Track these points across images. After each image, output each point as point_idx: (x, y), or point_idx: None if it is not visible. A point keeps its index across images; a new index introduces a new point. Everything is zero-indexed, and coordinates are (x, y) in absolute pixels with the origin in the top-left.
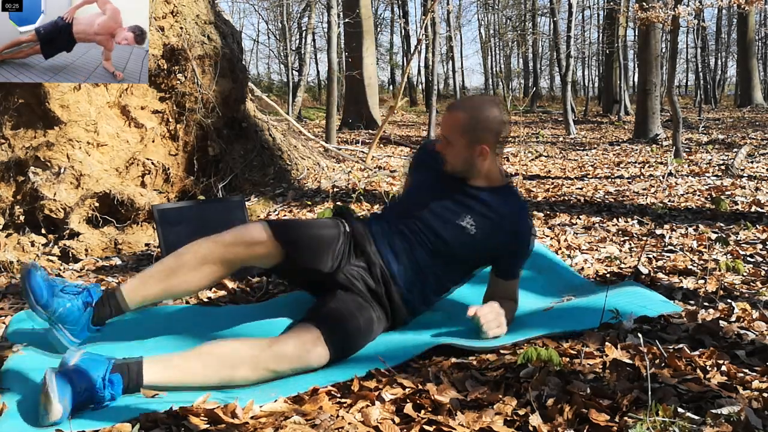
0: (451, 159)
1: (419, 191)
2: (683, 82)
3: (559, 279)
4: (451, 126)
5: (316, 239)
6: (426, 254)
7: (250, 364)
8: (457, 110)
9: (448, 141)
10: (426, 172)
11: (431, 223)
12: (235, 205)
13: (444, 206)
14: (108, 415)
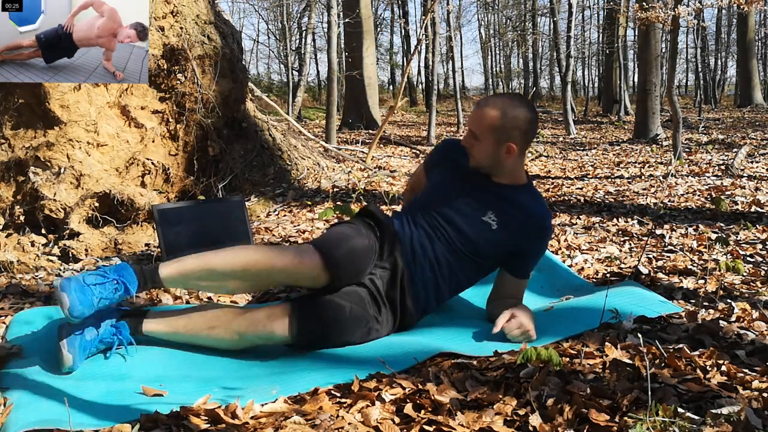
0: (478, 155)
1: (441, 187)
2: (683, 82)
3: (558, 279)
4: (481, 122)
5: (361, 259)
6: (446, 250)
7: (224, 327)
8: (488, 107)
9: (476, 137)
10: (447, 169)
11: (453, 219)
12: (235, 205)
13: (466, 202)
14: (108, 415)
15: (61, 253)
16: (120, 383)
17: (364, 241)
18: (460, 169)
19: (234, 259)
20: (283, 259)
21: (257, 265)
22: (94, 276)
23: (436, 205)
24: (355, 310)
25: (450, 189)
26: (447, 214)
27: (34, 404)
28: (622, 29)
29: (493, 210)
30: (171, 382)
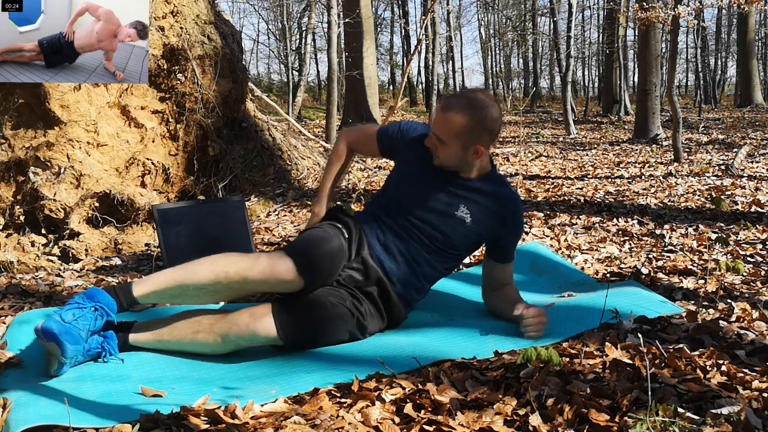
0: (444, 157)
1: (408, 182)
2: (683, 82)
3: (559, 277)
4: (447, 128)
5: (332, 261)
6: (422, 248)
7: (206, 331)
8: (453, 112)
9: (441, 141)
10: (411, 160)
11: (428, 218)
12: (235, 205)
13: (438, 198)
14: (108, 415)
15: (61, 253)
16: (119, 384)
17: (334, 242)
18: (424, 163)
19: (205, 272)
20: (256, 268)
21: (229, 276)
22: (71, 312)
23: (408, 203)
24: (336, 305)
25: (420, 185)
26: (420, 214)
27: (34, 404)
28: (622, 29)
29: (465, 203)
30: (170, 382)
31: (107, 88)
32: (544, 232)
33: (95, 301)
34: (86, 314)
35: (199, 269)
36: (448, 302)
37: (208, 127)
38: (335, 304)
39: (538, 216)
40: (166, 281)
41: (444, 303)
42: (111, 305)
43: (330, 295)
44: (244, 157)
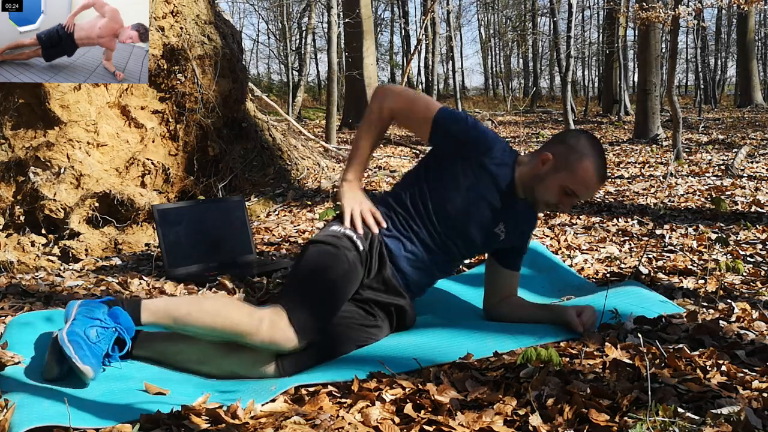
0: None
1: (463, 198)
2: (683, 82)
3: (558, 279)
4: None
5: (341, 302)
6: (449, 260)
7: (214, 364)
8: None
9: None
10: (470, 171)
11: (468, 233)
12: (235, 205)
13: (485, 216)
14: (109, 415)
15: (61, 253)
16: (120, 383)
17: (343, 268)
18: (484, 177)
19: (206, 320)
20: (257, 336)
21: (225, 332)
22: (95, 329)
23: (456, 221)
24: (344, 335)
25: (476, 206)
26: (463, 228)
27: (35, 404)
28: (622, 29)
29: (504, 222)
30: (171, 382)
31: (107, 88)
32: (544, 232)
33: (118, 323)
34: (108, 335)
35: (201, 318)
36: (448, 302)
37: (208, 127)
38: (342, 337)
39: (538, 216)
40: (169, 318)
41: (444, 303)
42: (131, 329)
43: (342, 322)
44: (244, 157)
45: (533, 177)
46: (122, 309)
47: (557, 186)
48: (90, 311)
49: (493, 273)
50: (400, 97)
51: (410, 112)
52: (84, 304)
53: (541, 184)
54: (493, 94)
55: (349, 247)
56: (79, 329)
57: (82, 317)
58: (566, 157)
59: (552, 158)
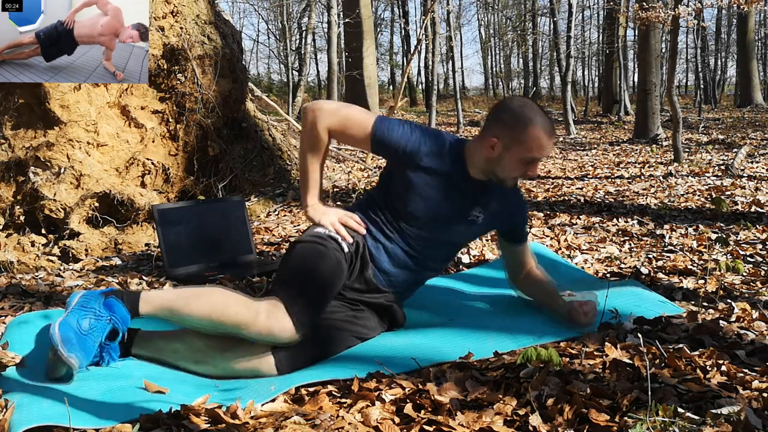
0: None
1: (430, 205)
2: (683, 82)
3: (559, 276)
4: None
5: (329, 294)
6: (433, 261)
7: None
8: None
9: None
10: (425, 176)
11: (449, 238)
12: (235, 205)
13: (455, 209)
14: (109, 415)
15: (61, 253)
16: (120, 382)
17: (330, 265)
18: (440, 180)
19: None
20: (254, 327)
21: (224, 323)
22: (88, 319)
23: (431, 228)
24: (334, 331)
25: (439, 204)
26: (436, 225)
27: (35, 404)
28: (622, 29)
29: (478, 205)
30: (171, 382)
31: (107, 88)
32: (544, 232)
33: (112, 313)
34: (101, 325)
35: (198, 308)
36: (448, 302)
37: (208, 127)
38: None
39: (538, 216)
40: (166, 310)
41: (444, 303)
42: (126, 319)
43: (331, 316)
44: (244, 157)
45: (489, 162)
46: (118, 300)
47: (515, 161)
48: (86, 301)
49: (505, 250)
50: (334, 116)
51: (346, 129)
52: (84, 294)
53: (498, 165)
54: (493, 94)
55: (336, 247)
56: (72, 320)
57: (78, 308)
58: (510, 133)
59: (498, 140)
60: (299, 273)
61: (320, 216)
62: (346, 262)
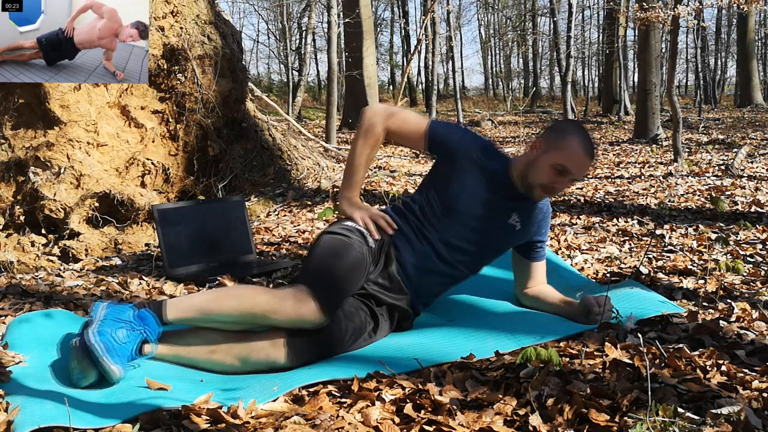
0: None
1: (473, 203)
2: (683, 82)
3: (559, 280)
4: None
5: (353, 282)
6: (464, 266)
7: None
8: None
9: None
10: (472, 174)
11: (486, 241)
12: (235, 205)
13: (497, 211)
14: (109, 415)
15: (61, 253)
16: (121, 383)
17: (355, 255)
18: (486, 176)
19: (232, 307)
20: (282, 312)
21: (255, 314)
22: (125, 330)
23: (466, 220)
24: (351, 327)
25: (481, 199)
26: (473, 235)
27: (37, 405)
28: (622, 29)
29: (516, 211)
30: (172, 379)
31: (107, 88)
32: None
33: (145, 326)
34: (135, 336)
35: (226, 303)
36: (448, 302)
37: (208, 127)
38: (349, 326)
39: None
40: (195, 311)
41: (444, 303)
42: (155, 333)
43: (346, 314)
44: (244, 157)
45: (526, 165)
46: (149, 312)
47: (548, 166)
48: (119, 312)
49: (517, 264)
50: (393, 118)
51: (402, 131)
52: (111, 306)
53: (533, 168)
54: (493, 94)
55: (361, 240)
56: (108, 330)
57: (111, 319)
58: (552, 136)
59: (540, 142)
60: (324, 261)
61: (353, 210)
62: (370, 257)
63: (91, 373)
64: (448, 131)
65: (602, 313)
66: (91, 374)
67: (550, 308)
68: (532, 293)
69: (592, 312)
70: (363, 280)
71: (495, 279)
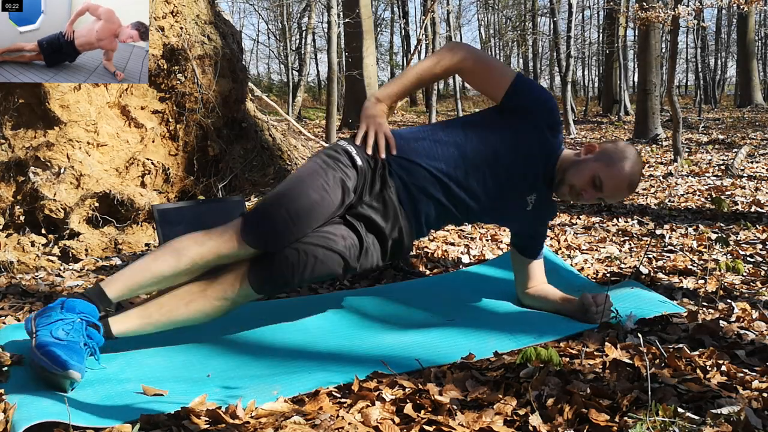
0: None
1: (513, 154)
2: (683, 82)
3: (560, 280)
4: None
5: (302, 226)
6: (461, 214)
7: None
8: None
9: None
10: (530, 134)
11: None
12: (235, 205)
13: (527, 175)
14: (108, 416)
15: (61, 253)
16: (120, 385)
17: (313, 197)
18: (546, 144)
19: (173, 260)
20: (210, 250)
21: (194, 260)
22: (61, 327)
23: (494, 171)
24: (319, 252)
25: (520, 167)
26: (493, 188)
27: (36, 402)
28: (622, 29)
29: (537, 194)
30: (171, 382)
31: (107, 88)
32: None
33: (77, 312)
34: (75, 326)
35: (163, 261)
36: (448, 302)
37: (208, 127)
38: (322, 253)
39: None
40: (140, 277)
41: (444, 303)
42: (93, 312)
43: (320, 240)
44: (244, 157)
45: (572, 161)
46: (76, 299)
47: (590, 173)
48: (47, 316)
49: (518, 263)
50: (478, 61)
51: (485, 73)
52: (38, 313)
53: (576, 167)
54: None
55: (346, 164)
56: (46, 336)
57: (43, 326)
58: (610, 151)
59: (597, 148)
60: (279, 189)
61: (365, 115)
62: (355, 178)
63: (62, 382)
64: (534, 87)
65: (601, 311)
66: (63, 383)
67: (551, 307)
68: (533, 293)
69: (590, 311)
70: (323, 219)
71: (495, 279)
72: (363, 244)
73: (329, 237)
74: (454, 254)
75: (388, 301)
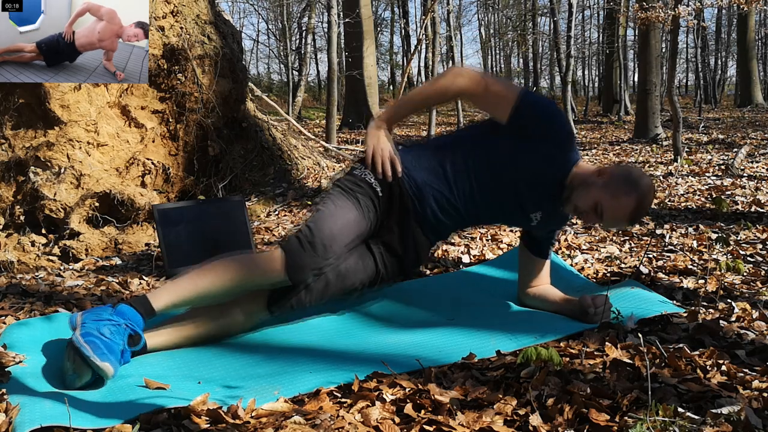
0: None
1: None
2: (683, 82)
3: (560, 280)
4: None
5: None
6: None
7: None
8: None
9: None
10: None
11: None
12: (235, 205)
13: (531, 200)
14: (108, 415)
15: (62, 253)
16: (121, 383)
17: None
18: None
19: (218, 282)
20: (254, 276)
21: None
22: (108, 326)
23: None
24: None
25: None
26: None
27: (38, 405)
28: (622, 29)
29: (542, 211)
30: (170, 378)
31: (107, 88)
32: None
33: (126, 319)
34: (120, 331)
35: (208, 280)
36: (448, 302)
37: (208, 127)
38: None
39: None
40: (184, 292)
41: (444, 303)
42: (139, 322)
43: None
44: (244, 157)
45: (582, 180)
46: (128, 305)
47: (593, 200)
48: (97, 314)
49: (524, 258)
50: (483, 86)
51: (490, 98)
52: (88, 311)
53: (583, 188)
54: None
55: (367, 193)
56: (92, 329)
57: (91, 321)
58: (620, 181)
59: (608, 175)
60: (311, 220)
61: (370, 137)
62: (377, 208)
63: (85, 373)
64: (541, 105)
65: (600, 312)
66: (85, 374)
67: (551, 307)
68: (534, 292)
69: (588, 313)
70: (359, 236)
71: (495, 279)
72: (378, 273)
73: (348, 276)
74: (454, 254)
75: (388, 301)
